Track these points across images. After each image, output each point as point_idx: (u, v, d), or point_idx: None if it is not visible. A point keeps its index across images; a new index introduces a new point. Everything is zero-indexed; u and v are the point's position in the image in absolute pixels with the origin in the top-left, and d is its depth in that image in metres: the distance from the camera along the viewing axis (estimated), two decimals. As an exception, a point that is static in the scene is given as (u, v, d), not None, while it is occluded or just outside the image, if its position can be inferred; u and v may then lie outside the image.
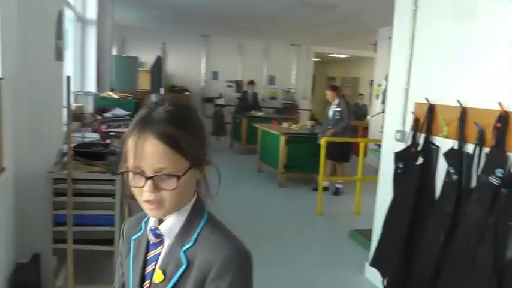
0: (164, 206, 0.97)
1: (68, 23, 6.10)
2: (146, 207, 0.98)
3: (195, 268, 0.97)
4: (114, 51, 10.38)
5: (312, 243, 4.73)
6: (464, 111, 2.75)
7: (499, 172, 2.38)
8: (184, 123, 0.98)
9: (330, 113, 6.60)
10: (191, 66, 13.12)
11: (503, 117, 2.45)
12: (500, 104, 2.47)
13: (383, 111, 4.78)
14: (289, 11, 7.75)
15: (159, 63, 8.18)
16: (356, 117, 11.05)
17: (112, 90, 7.69)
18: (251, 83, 10.83)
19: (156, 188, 0.95)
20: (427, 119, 3.07)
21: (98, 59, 7.22)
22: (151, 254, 1.05)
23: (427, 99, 3.09)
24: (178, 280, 0.98)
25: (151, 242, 1.05)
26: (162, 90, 8.26)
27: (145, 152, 0.93)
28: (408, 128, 3.29)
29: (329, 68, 18.00)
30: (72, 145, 3.49)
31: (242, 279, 0.98)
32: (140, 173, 0.95)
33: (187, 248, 0.99)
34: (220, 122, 12.34)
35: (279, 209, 6.11)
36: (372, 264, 3.37)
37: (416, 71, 3.34)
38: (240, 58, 13.41)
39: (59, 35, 3.36)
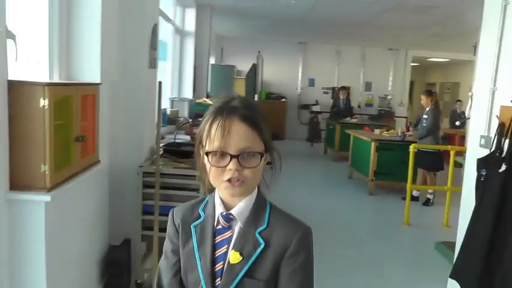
0: (245, 184, 1.07)
1: (167, 35, 6.64)
2: (226, 186, 1.07)
3: (272, 247, 1.10)
4: (213, 61, 10.96)
5: (396, 253, 4.61)
6: (553, 115, 2.57)
7: None
8: (259, 111, 1.13)
9: (420, 120, 6.42)
10: (288, 73, 13.36)
11: None
12: None
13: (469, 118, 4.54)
14: (385, 14, 7.62)
15: (253, 70, 8.47)
16: (453, 125, 10.45)
17: (208, 97, 8.14)
18: (343, 88, 10.73)
19: (240, 166, 1.05)
20: (513, 123, 2.89)
21: (195, 67, 7.71)
22: (219, 238, 1.12)
23: (513, 102, 2.91)
24: (256, 259, 1.09)
25: (218, 227, 1.13)
26: (256, 97, 8.52)
27: (232, 133, 1.04)
28: (493, 133, 3.11)
29: (428, 73, 17.18)
30: (163, 144, 3.84)
31: (312, 253, 1.14)
32: (225, 153, 1.05)
33: (262, 230, 1.11)
34: (316, 129, 12.41)
35: (366, 217, 6.03)
36: (452, 276, 3.22)
37: (504, 71, 3.15)
38: (336, 64, 13.39)
39: (153, 45, 3.71)
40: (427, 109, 6.29)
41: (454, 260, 3.26)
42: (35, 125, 2.07)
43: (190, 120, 5.33)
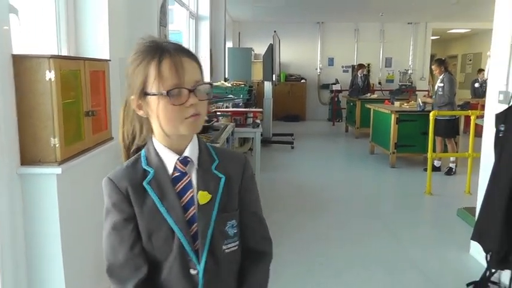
0: (201, 118, 1.07)
1: (182, 22, 6.67)
2: (189, 122, 1.04)
3: (230, 177, 1.14)
4: (230, 45, 10.94)
5: (418, 221, 4.55)
6: None
7: None
8: None
9: (436, 88, 6.33)
10: (306, 54, 13.27)
11: None
12: None
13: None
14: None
15: (270, 51, 8.41)
16: (475, 95, 10.21)
17: (226, 80, 8.15)
18: (360, 66, 10.61)
19: (197, 100, 1.04)
20: (531, 75, 2.80)
21: (212, 51, 7.71)
22: (180, 186, 1.10)
23: (531, 54, 2.81)
24: (223, 192, 1.11)
25: (174, 175, 1.10)
26: (274, 77, 8.48)
27: (185, 69, 1.03)
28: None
29: (449, 45, 16.73)
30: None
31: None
32: (184, 88, 1.03)
33: (217, 165, 1.14)
34: (336, 108, 12.30)
35: (388, 189, 5.96)
36: (473, 238, 3.15)
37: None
38: (355, 42, 13.24)
39: (163, 22, 3.72)
40: (441, 77, 6.24)
41: (475, 223, 3.19)
42: (42, 98, 2.08)
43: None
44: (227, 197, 1.12)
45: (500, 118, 2.98)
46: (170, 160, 1.10)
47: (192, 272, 1.08)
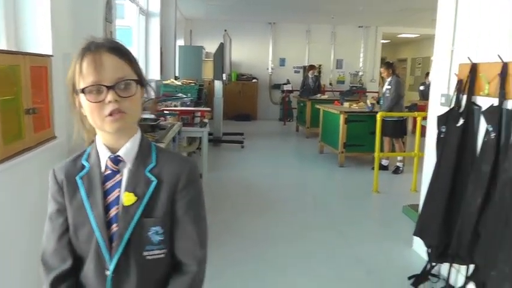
0: (126, 116, 1.04)
1: (132, 18, 6.53)
2: (109, 120, 1.02)
3: (164, 183, 1.10)
4: (182, 42, 10.81)
5: (364, 218, 4.66)
6: (505, 66, 2.60)
7: (536, 126, 2.24)
8: (125, 47, 1.10)
9: (384, 90, 6.56)
10: (258, 54, 13.31)
11: (542, 67, 2.29)
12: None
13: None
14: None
15: (221, 50, 8.38)
16: (423, 97, 10.62)
17: (176, 78, 8.05)
18: (311, 67, 10.80)
19: (118, 97, 1.02)
20: (470, 79, 2.93)
21: (162, 49, 7.59)
22: (109, 184, 1.09)
23: (469, 58, 2.95)
24: (151, 197, 1.08)
25: (106, 173, 1.09)
26: (224, 76, 8.46)
27: (104, 65, 1.02)
28: (452, 91, 3.16)
29: (399, 49, 17.38)
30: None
31: (201, 185, 1.19)
32: (101, 85, 1.01)
33: (152, 168, 1.11)
34: (287, 108, 12.44)
35: (336, 188, 6.08)
36: (415, 233, 3.27)
37: (460, 31, 3.19)
38: (307, 43, 13.40)
39: (109, 18, 3.62)
40: (389, 80, 6.48)
41: (417, 219, 3.31)
42: (-23, 94, 1.99)
43: (154, 97, 5.25)
44: (155, 202, 1.08)
45: (442, 120, 3.11)
46: (104, 157, 1.10)
47: (107, 272, 1.07)
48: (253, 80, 13.19)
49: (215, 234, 3.97)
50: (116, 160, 1.09)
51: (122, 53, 1.05)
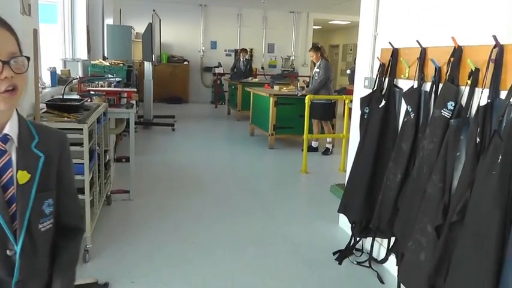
0: (18, 93, 1.02)
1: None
2: (4, 97, 1.00)
3: (49, 156, 1.13)
4: (111, 22, 10.36)
5: (292, 198, 4.78)
6: (423, 51, 2.74)
7: (450, 105, 2.38)
8: None
9: (313, 73, 6.75)
10: (189, 36, 13.11)
11: (456, 50, 2.44)
12: (453, 38, 2.45)
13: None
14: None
15: (150, 31, 8.14)
16: (351, 81, 10.98)
17: (105, 58, 7.73)
18: (243, 51, 10.84)
19: (14, 73, 1.00)
20: (391, 62, 3.07)
21: (89, 27, 7.24)
22: None
23: (390, 43, 3.08)
24: (41, 172, 1.10)
25: None
26: (154, 57, 8.24)
27: None
28: (375, 74, 3.29)
29: (331, 35, 17.81)
30: (48, 100, 3.58)
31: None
32: None
33: (36, 143, 1.12)
34: (219, 91, 12.39)
35: (265, 169, 6.19)
36: (339, 210, 3.41)
37: (383, 17, 3.33)
38: (238, 27, 13.36)
39: (27, -11, 3.37)
40: (318, 63, 6.65)
41: (342, 196, 3.45)
42: None
43: (79, 77, 5.01)
44: (45, 176, 1.11)
45: (365, 101, 3.24)
46: None
47: (9, 253, 1.06)
48: (185, 63, 12.99)
49: (144, 217, 3.90)
50: (5, 139, 1.05)
51: (10, 28, 1.03)
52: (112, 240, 3.39)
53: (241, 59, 10.57)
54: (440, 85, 2.56)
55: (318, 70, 6.57)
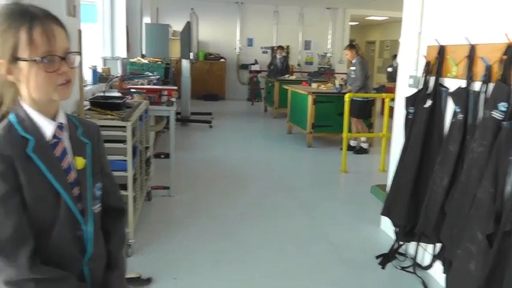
0: (71, 85, 1.10)
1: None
2: (61, 89, 1.08)
3: (92, 142, 1.22)
4: (148, 20, 10.53)
5: (332, 198, 4.72)
6: (472, 48, 2.63)
7: (502, 106, 2.27)
8: None
9: (348, 71, 6.63)
10: (225, 33, 13.16)
11: (509, 48, 2.32)
12: (506, 35, 2.34)
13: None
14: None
15: (188, 29, 8.21)
16: (391, 78, 10.76)
17: (143, 56, 7.85)
18: (279, 48, 10.76)
19: (69, 68, 1.09)
20: (438, 61, 2.96)
21: (128, 27, 7.37)
22: (57, 153, 1.13)
23: (437, 40, 2.97)
24: (91, 157, 1.20)
25: (51, 142, 1.12)
26: (191, 55, 8.30)
27: (56, 36, 1.06)
28: (421, 73, 3.19)
29: (368, 31, 17.51)
30: (90, 98, 3.66)
31: None
32: (56, 56, 1.05)
33: (82, 132, 1.21)
34: (255, 88, 12.40)
35: (303, 168, 6.13)
36: (383, 213, 3.33)
37: (429, 13, 3.21)
38: (275, 24, 13.32)
39: (72, -9, 3.44)
40: (353, 61, 6.55)
41: (385, 199, 3.37)
42: None
43: (120, 75, 5.10)
44: (94, 161, 1.21)
45: (410, 101, 3.14)
46: (47, 126, 1.11)
47: (78, 233, 1.14)
48: (221, 60, 13.05)
49: (185, 214, 3.93)
50: (61, 127, 1.14)
51: (63, 25, 1.10)
52: (153, 236, 3.43)
53: (278, 56, 10.52)
54: (491, 85, 2.45)
55: (353, 68, 6.49)
